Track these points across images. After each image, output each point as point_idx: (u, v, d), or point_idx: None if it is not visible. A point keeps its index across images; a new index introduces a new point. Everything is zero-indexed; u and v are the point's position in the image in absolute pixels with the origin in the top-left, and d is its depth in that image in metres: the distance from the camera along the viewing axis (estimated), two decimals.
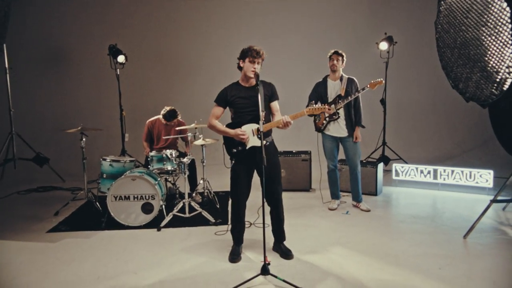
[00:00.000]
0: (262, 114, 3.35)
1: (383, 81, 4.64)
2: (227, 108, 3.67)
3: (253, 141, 3.52)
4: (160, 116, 5.50)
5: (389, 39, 6.87)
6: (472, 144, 8.38)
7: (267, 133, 3.59)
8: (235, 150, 3.56)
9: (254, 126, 3.52)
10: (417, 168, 5.98)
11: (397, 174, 6.13)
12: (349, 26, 8.64)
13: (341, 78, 4.89)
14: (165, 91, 8.48)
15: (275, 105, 3.66)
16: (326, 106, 4.74)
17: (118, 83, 7.03)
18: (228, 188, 3.88)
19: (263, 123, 3.36)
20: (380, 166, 5.75)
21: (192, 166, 5.36)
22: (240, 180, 3.57)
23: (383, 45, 6.83)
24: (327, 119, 4.90)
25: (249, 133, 3.51)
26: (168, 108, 5.42)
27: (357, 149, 4.96)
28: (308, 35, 8.71)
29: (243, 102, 3.54)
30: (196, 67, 8.81)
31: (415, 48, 8.32)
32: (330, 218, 4.78)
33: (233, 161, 3.62)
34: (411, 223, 4.50)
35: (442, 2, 4.89)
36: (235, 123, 3.59)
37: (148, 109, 6.55)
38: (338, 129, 4.88)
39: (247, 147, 3.53)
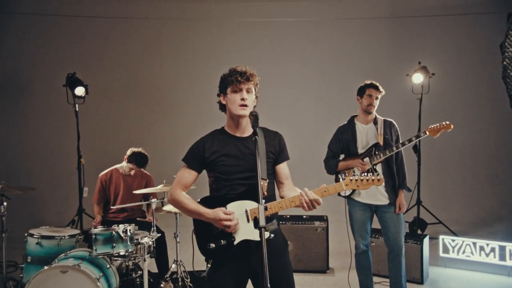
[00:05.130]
0: (263, 184, 2.00)
1: (452, 126, 3.43)
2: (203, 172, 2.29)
3: (246, 232, 2.12)
4: (122, 164, 4.31)
5: (424, 70, 5.62)
6: None
7: (271, 217, 2.20)
8: (213, 246, 2.13)
9: (248, 205, 2.13)
10: (475, 244, 4.53)
11: (445, 249, 4.70)
12: (368, 53, 7.45)
13: (375, 121, 3.66)
14: (137, 134, 7.21)
15: (284, 169, 2.34)
16: (358, 160, 3.53)
17: (77, 122, 5.81)
18: None
19: (265, 200, 2.01)
20: (426, 241, 4.33)
21: (161, 243, 3.95)
22: None
23: (418, 78, 5.59)
24: None
25: (239, 218, 2.11)
26: (135, 150, 4.27)
27: (401, 223, 3.59)
28: (317, 64, 7.47)
29: (230, 163, 2.22)
30: (179, 104, 7.52)
31: (450, 82, 7.08)
32: None
33: (210, 264, 2.20)
34: None
35: None
36: (216, 198, 2.23)
37: (114, 155, 5.30)
38: (375, 193, 3.54)
39: (236, 242, 2.10)
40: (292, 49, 7.52)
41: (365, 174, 2.12)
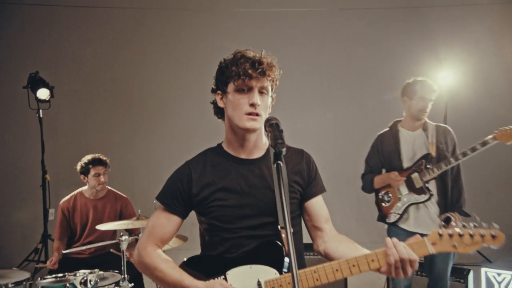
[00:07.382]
0: (287, 234, 1.26)
1: None
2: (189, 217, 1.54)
3: None
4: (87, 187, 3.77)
5: (451, 69, 5.08)
6: None
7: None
8: None
9: (261, 272, 1.43)
10: None
11: (490, 285, 4.03)
12: (380, 48, 6.81)
13: (424, 127, 3.10)
14: (111, 145, 6.54)
15: (321, 207, 1.62)
16: (392, 173, 3.05)
17: (41, 131, 5.33)
18: None
19: (290, 262, 1.28)
20: (471, 278, 3.65)
21: (138, 282, 3.20)
22: None
23: (444, 78, 5.13)
24: (405, 199, 3.03)
25: None
26: (86, 158, 3.90)
27: (450, 257, 3.05)
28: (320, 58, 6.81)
29: (233, 202, 1.51)
30: (163, 111, 6.85)
31: (472, 82, 6.52)
32: None
33: None
34: None
35: None
36: (211, 260, 1.51)
37: None
38: (426, 219, 3.05)
39: None
40: (291, 40, 6.92)
41: (467, 225, 1.34)
